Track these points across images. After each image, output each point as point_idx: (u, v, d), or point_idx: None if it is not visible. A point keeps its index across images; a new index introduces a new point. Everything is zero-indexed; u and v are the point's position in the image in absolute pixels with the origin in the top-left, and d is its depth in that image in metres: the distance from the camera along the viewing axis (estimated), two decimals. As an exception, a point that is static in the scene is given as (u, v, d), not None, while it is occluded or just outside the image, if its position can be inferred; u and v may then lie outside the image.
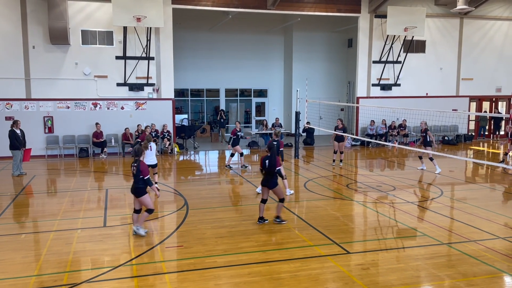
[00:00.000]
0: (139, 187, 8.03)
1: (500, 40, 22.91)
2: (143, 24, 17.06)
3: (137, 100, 18.48)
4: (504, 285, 6.35)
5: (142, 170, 7.98)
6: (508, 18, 22.75)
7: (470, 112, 23.04)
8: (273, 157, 8.77)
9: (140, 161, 8.10)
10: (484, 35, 22.69)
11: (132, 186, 8.16)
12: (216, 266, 6.84)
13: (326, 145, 20.47)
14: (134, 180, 8.09)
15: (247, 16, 21.38)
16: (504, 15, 22.70)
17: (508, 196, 11.72)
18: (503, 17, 22.72)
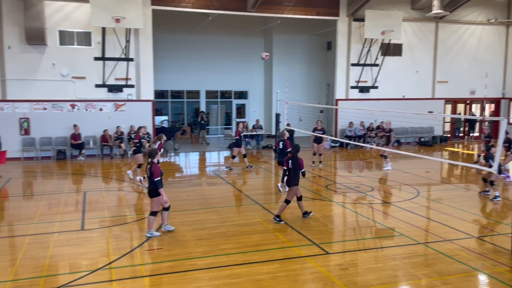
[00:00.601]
0: (151, 189, 8.15)
1: (474, 44, 23.49)
2: (122, 25, 16.91)
3: (116, 102, 18.28)
4: (478, 283, 6.53)
5: (153, 172, 8.04)
6: (481, 22, 23.36)
7: (446, 114, 23.54)
8: (295, 158, 9.08)
9: (153, 162, 8.14)
10: (459, 39, 23.23)
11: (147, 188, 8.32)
12: (196, 268, 6.83)
13: (306, 147, 20.60)
14: (149, 181, 8.20)
15: (227, 18, 21.40)
16: (477, 19, 23.29)
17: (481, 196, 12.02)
18: (476, 22, 23.31)
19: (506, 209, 10.43)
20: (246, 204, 10.67)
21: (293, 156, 9.21)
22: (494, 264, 7.04)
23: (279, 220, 9.14)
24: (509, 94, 23.94)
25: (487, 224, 9.33)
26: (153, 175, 8.06)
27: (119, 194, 12.12)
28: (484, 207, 10.93)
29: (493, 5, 23.20)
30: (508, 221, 9.32)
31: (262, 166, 16.49)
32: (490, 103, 24.73)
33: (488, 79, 22.88)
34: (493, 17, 23.24)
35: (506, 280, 6.46)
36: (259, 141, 20.84)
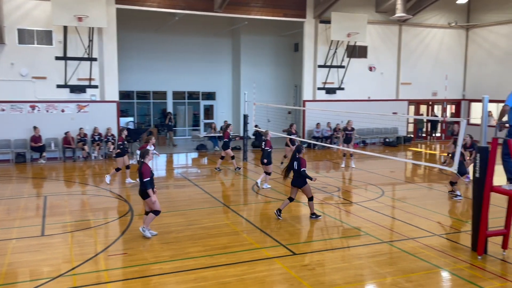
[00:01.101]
0: (143, 190, 8.09)
1: (435, 46, 24.22)
2: (85, 24, 16.47)
3: (79, 103, 17.78)
4: (439, 280, 6.70)
5: (143, 172, 8.01)
6: (442, 26, 24.11)
7: (409, 115, 24.15)
8: (298, 159, 9.29)
9: (143, 163, 8.12)
10: (421, 42, 23.90)
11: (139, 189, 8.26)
12: (161, 273, 6.71)
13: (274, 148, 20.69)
14: (140, 182, 8.15)
15: (194, 18, 21.21)
16: (439, 23, 24.03)
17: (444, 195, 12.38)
18: (438, 25, 24.05)
19: (466, 207, 10.77)
20: (214, 206, 10.59)
21: (294, 156, 9.47)
22: (455, 261, 7.25)
23: (316, 216, 9.58)
24: (469, 95, 24.81)
25: (449, 222, 9.60)
26: (142, 175, 8.02)
27: (82, 198, 11.79)
28: (446, 206, 11.26)
29: (453, 9, 23.99)
30: (468, 219, 9.63)
31: (230, 167, 16.42)
32: (451, 104, 25.54)
33: (449, 81, 23.68)
34: (454, 21, 24.04)
35: (466, 277, 6.66)
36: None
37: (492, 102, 13.18)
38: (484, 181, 7.28)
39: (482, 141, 7.46)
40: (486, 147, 7.41)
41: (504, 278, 6.62)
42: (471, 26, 24.32)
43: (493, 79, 22.66)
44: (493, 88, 21.38)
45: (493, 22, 23.11)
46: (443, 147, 21.92)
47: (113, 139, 17.97)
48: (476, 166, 7.47)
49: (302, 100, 21.98)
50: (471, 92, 24.67)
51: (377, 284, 6.48)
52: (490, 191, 7.25)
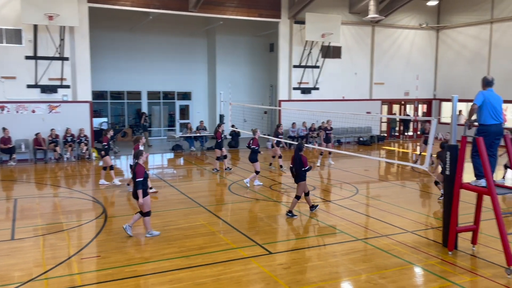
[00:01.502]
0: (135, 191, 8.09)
1: (407, 47, 24.72)
2: (56, 23, 16.11)
3: (50, 103, 17.37)
4: (412, 276, 6.84)
5: (137, 172, 7.99)
6: (414, 27, 24.62)
7: (382, 114, 24.57)
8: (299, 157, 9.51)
9: (137, 163, 8.11)
10: (394, 43, 24.35)
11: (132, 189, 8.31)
12: (136, 275, 6.63)
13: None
14: (133, 183, 8.15)
15: (169, 17, 21.03)
16: (410, 24, 24.53)
17: (416, 193, 12.66)
18: (409, 26, 24.55)
19: (438, 204, 11.02)
20: (190, 207, 10.52)
21: (295, 154, 9.63)
22: (426, 257, 7.42)
23: (292, 215, 9.59)
24: (440, 95, 25.42)
25: (421, 219, 9.81)
26: (136, 175, 8.00)
27: (54, 200, 11.52)
28: (418, 203, 11.51)
29: (424, 11, 24.53)
30: (440, 215, 9.86)
31: (207, 167, 16.35)
32: (422, 103, 26.11)
33: (420, 81, 24.21)
34: (425, 22, 24.59)
35: (437, 272, 6.82)
36: (203, 143, 20.65)
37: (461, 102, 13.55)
38: (454, 178, 7.47)
39: (452, 140, 7.66)
40: (456, 145, 7.61)
41: (473, 272, 6.81)
42: (441, 27, 24.93)
43: (462, 79, 23.29)
44: (463, 88, 21.99)
45: (462, 24, 23.75)
46: (415, 146, 22.39)
47: (86, 140, 17.65)
48: (447, 164, 7.66)
49: (278, 100, 22.07)
50: (441, 92, 25.29)
51: (352, 281, 6.57)
52: (460, 188, 7.44)
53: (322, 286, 6.30)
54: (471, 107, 7.39)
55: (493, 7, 21.98)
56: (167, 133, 23.79)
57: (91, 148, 17.94)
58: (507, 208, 10.80)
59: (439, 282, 6.47)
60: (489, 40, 22.28)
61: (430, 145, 8.41)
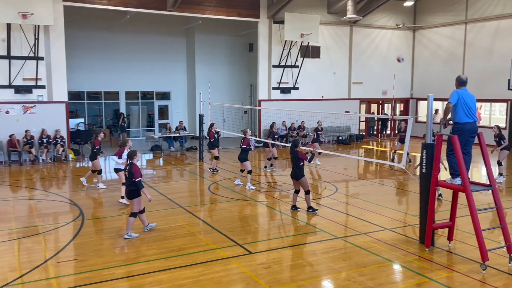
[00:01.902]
0: (131, 190, 8.12)
1: (385, 47, 25.06)
2: (30, 22, 15.76)
3: (24, 104, 16.98)
4: (390, 272, 6.93)
5: (133, 172, 8.04)
6: (391, 27, 24.98)
7: (361, 113, 24.86)
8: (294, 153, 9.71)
9: (132, 163, 8.16)
10: (371, 42, 24.65)
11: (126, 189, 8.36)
12: (114, 278, 6.53)
13: (231, 147, 20.65)
14: (127, 183, 8.22)
15: (147, 16, 20.81)
16: (387, 24, 24.88)
17: (394, 191, 12.84)
18: (387, 26, 24.89)
19: (415, 201, 11.18)
20: (169, 208, 10.42)
21: (291, 152, 9.85)
22: (404, 254, 7.53)
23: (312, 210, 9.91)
24: (416, 94, 25.86)
25: (399, 216, 9.95)
26: (133, 175, 8.05)
27: (30, 203, 11.27)
28: (396, 201, 11.67)
29: (401, 11, 24.91)
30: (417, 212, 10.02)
31: (187, 168, 16.25)
32: (399, 103, 26.51)
33: (397, 80, 24.56)
34: (401, 22, 24.97)
35: (415, 268, 6.93)
36: (182, 143, 20.51)
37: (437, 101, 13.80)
38: (430, 176, 7.60)
39: (428, 138, 7.79)
40: (431, 143, 7.74)
41: (450, 268, 6.94)
42: (418, 27, 25.36)
43: (438, 78, 23.74)
44: (438, 87, 22.39)
45: (437, 24, 24.20)
46: (393, 144, 22.70)
47: (62, 141, 17.32)
48: (423, 162, 7.78)
49: (258, 99, 22.09)
50: (418, 91, 25.73)
51: (332, 279, 6.62)
52: (436, 186, 7.58)
53: (302, 285, 6.33)
54: (446, 106, 7.52)
55: (467, 8, 22.47)
56: (145, 133, 23.55)
57: (68, 149, 17.61)
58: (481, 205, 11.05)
59: (416, 279, 6.57)
60: (463, 40, 22.78)
61: (407, 144, 8.53)
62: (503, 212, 7.20)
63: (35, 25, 16.20)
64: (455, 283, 6.45)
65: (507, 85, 18.66)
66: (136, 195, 8.13)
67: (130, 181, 8.12)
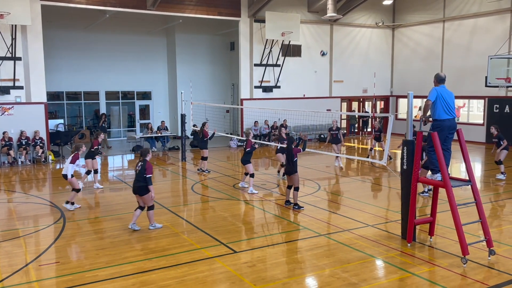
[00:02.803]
0: (142, 186, 8.46)
1: (365, 45, 25.33)
2: (7, 21, 15.45)
3: (2, 105, 16.63)
4: (373, 268, 7.02)
5: (147, 168, 8.43)
6: (371, 26, 25.26)
7: (342, 111, 25.07)
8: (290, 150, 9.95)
9: (146, 160, 8.58)
10: (352, 41, 24.89)
11: (132, 186, 8.64)
12: (97, 280, 6.45)
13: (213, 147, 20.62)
14: (136, 178, 8.52)
15: (126, 16, 20.58)
16: (367, 23, 25.15)
17: (375, 187, 13.00)
18: (366, 25, 25.16)
19: (396, 197, 11.36)
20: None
21: (288, 148, 10.11)
22: (387, 249, 7.64)
23: (298, 207, 10.05)
24: (396, 91, 26.21)
25: (380, 213, 10.08)
26: (146, 171, 8.40)
27: (9, 206, 11.04)
28: (377, 197, 11.82)
29: (380, 10, 25.21)
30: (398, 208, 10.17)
31: (169, 168, 16.16)
32: (380, 100, 26.83)
33: (378, 78, 24.84)
34: (381, 21, 25.28)
35: (397, 264, 7.04)
36: (164, 143, 20.37)
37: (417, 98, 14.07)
38: (411, 172, 7.72)
39: (408, 135, 7.91)
40: (412, 140, 7.86)
41: (431, 263, 7.07)
42: (397, 26, 25.70)
43: (417, 76, 24.11)
44: (418, 84, 22.76)
45: (416, 22, 24.58)
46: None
47: (41, 142, 17.02)
48: (404, 159, 7.90)
49: (240, 98, 22.08)
50: (398, 89, 26.09)
51: (316, 276, 6.67)
52: (417, 182, 7.70)
53: (287, 283, 6.36)
54: (425, 103, 7.65)
55: (445, 6, 22.88)
56: (127, 133, 23.33)
57: (47, 151, 17.32)
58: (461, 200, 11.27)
59: (399, 274, 6.68)
60: (442, 38, 23.18)
61: (388, 141, 8.65)
62: (482, 206, 7.36)
63: (12, 24, 15.87)
64: (436, 277, 6.58)
65: (484, 82, 19.06)
66: (146, 191, 8.48)
67: (141, 177, 8.44)
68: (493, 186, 12.67)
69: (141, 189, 8.52)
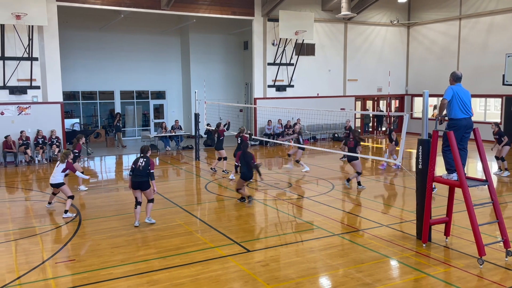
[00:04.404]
0: (145, 181, 8.90)
1: (379, 44, 25.10)
2: (24, 22, 15.67)
3: (19, 105, 16.91)
4: (388, 268, 6.96)
5: (151, 163, 8.95)
6: (385, 24, 25.02)
7: (356, 110, 24.91)
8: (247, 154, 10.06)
9: (148, 157, 9.08)
10: (366, 39, 24.69)
11: (134, 182, 8.88)
12: (112, 278, 6.52)
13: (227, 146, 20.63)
14: (139, 174, 8.85)
15: (141, 16, 20.74)
16: (382, 21, 24.92)
17: (391, 187, 12.88)
18: (381, 23, 24.93)
19: (411, 197, 11.23)
20: (166, 208, 10.41)
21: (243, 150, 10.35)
22: (401, 249, 7.56)
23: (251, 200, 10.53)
24: (412, 90, 25.94)
25: (395, 212, 9.99)
26: (150, 166, 8.88)
27: (26, 204, 11.23)
28: (392, 196, 11.71)
29: (395, 8, 24.96)
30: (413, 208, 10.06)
31: (183, 167, 16.24)
32: (395, 99, 26.57)
33: (392, 77, 24.61)
34: (396, 19, 25.02)
35: (412, 264, 6.97)
36: (178, 142, 20.49)
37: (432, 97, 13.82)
38: (427, 172, 7.63)
39: (424, 134, 7.81)
40: (427, 139, 7.76)
41: (447, 263, 6.98)
42: (412, 24, 25.41)
43: (433, 74, 23.81)
44: (433, 83, 22.47)
45: (431, 20, 24.27)
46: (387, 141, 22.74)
47: (57, 141, 17.26)
48: (419, 158, 7.81)
49: (253, 97, 22.08)
50: (413, 87, 25.80)
51: (330, 276, 6.64)
52: (432, 182, 7.61)
53: (300, 282, 6.34)
54: (441, 102, 7.55)
55: (461, 4, 22.55)
56: (141, 133, 23.51)
57: (63, 150, 17.54)
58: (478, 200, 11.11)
59: (414, 274, 6.60)
60: (458, 36, 22.85)
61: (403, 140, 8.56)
62: (499, 206, 7.24)
63: (29, 25, 16.11)
64: (452, 278, 6.49)
65: (501, 80, 18.74)
66: (149, 185, 8.95)
67: (145, 172, 8.84)
68: (511, 186, 12.46)
69: (145, 184, 8.87)
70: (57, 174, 9.88)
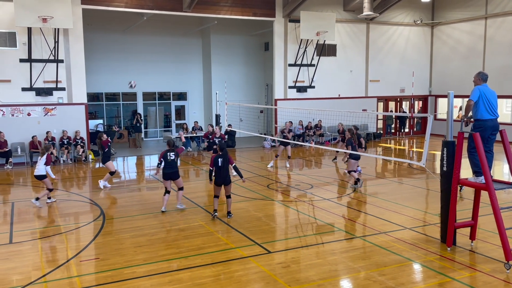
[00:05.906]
0: (176, 171, 10.00)
1: (402, 44, 24.76)
2: (50, 25, 16.04)
3: (45, 106, 17.31)
4: (411, 272, 6.86)
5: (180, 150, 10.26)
6: (408, 24, 24.68)
7: (378, 111, 24.61)
8: (225, 156, 9.56)
9: (174, 149, 10.04)
10: (388, 40, 24.39)
11: (166, 173, 9.89)
12: (135, 276, 6.61)
13: (247, 147, 20.72)
14: (169, 165, 9.86)
15: (163, 18, 20.98)
16: (405, 21, 24.58)
17: (414, 189, 12.68)
18: (404, 23, 24.59)
19: (435, 200, 11.04)
20: (187, 208, 10.49)
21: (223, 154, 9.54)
22: (425, 253, 7.43)
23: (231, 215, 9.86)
24: (435, 91, 25.49)
25: (419, 215, 9.83)
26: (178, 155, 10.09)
27: (52, 203, 11.47)
28: (416, 199, 11.52)
29: (418, 7, 24.58)
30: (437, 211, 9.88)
31: (204, 168, 16.34)
32: (418, 100, 26.16)
33: (416, 77, 24.26)
34: (419, 19, 24.64)
35: (436, 268, 6.84)
36: (199, 143, 20.62)
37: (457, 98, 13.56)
38: (451, 174, 7.48)
39: (449, 136, 7.67)
40: (452, 141, 7.62)
41: (472, 268, 6.83)
42: (436, 23, 24.99)
43: (457, 75, 23.35)
44: (458, 84, 22.03)
45: (456, 20, 23.81)
46: (412, 143, 22.43)
47: (82, 142, 17.59)
48: (444, 160, 7.66)
49: (274, 98, 22.06)
50: (437, 88, 25.35)
51: (351, 279, 6.58)
52: (457, 184, 7.46)
53: (322, 284, 6.30)
54: (467, 103, 7.40)
55: (487, 3, 22.06)
56: (163, 134, 23.76)
57: (87, 150, 17.88)
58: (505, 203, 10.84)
59: (438, 278, 6.48)
60: (483, 36, 22.36)
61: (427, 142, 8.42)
62: (527, 210, 7.05)
63: (55, 28, 16.48)
64: (478, 282, 6.35)
65: (529, 80, 18.25)
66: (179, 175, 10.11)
67: (175, 164, 9.95)
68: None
69: (175, 174, 9.94)
70: (40, 166, 10.66)
